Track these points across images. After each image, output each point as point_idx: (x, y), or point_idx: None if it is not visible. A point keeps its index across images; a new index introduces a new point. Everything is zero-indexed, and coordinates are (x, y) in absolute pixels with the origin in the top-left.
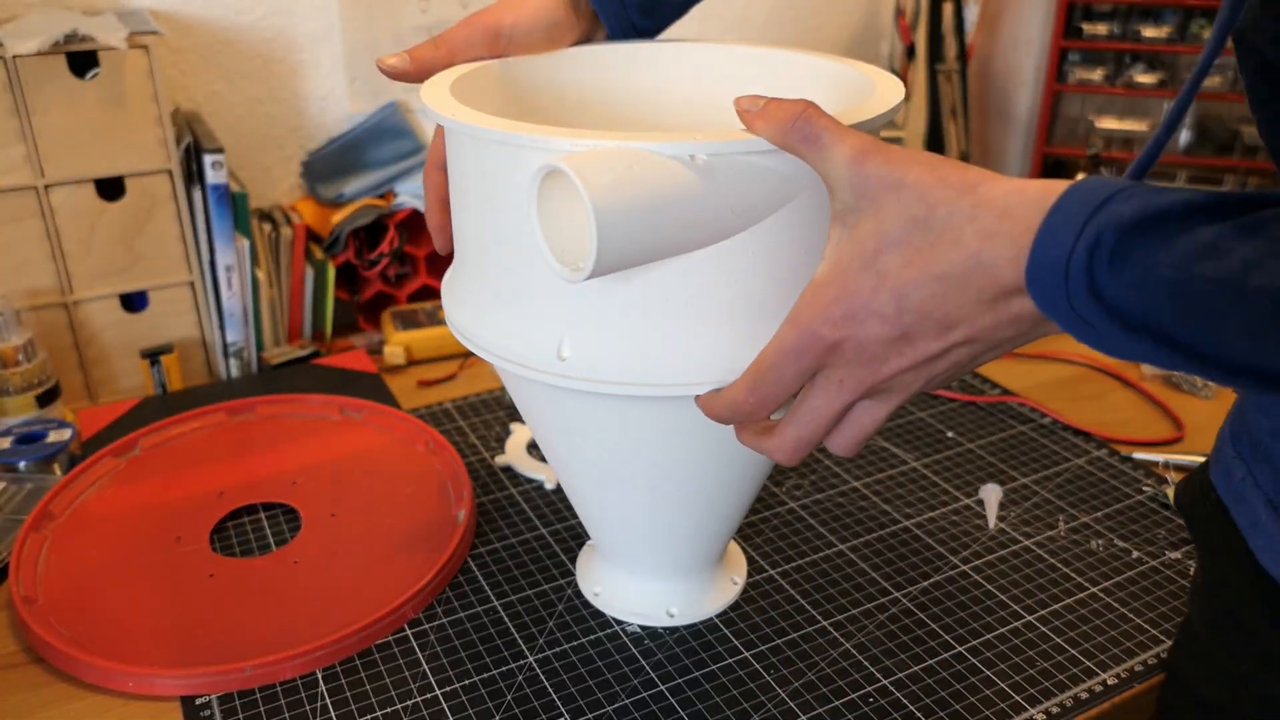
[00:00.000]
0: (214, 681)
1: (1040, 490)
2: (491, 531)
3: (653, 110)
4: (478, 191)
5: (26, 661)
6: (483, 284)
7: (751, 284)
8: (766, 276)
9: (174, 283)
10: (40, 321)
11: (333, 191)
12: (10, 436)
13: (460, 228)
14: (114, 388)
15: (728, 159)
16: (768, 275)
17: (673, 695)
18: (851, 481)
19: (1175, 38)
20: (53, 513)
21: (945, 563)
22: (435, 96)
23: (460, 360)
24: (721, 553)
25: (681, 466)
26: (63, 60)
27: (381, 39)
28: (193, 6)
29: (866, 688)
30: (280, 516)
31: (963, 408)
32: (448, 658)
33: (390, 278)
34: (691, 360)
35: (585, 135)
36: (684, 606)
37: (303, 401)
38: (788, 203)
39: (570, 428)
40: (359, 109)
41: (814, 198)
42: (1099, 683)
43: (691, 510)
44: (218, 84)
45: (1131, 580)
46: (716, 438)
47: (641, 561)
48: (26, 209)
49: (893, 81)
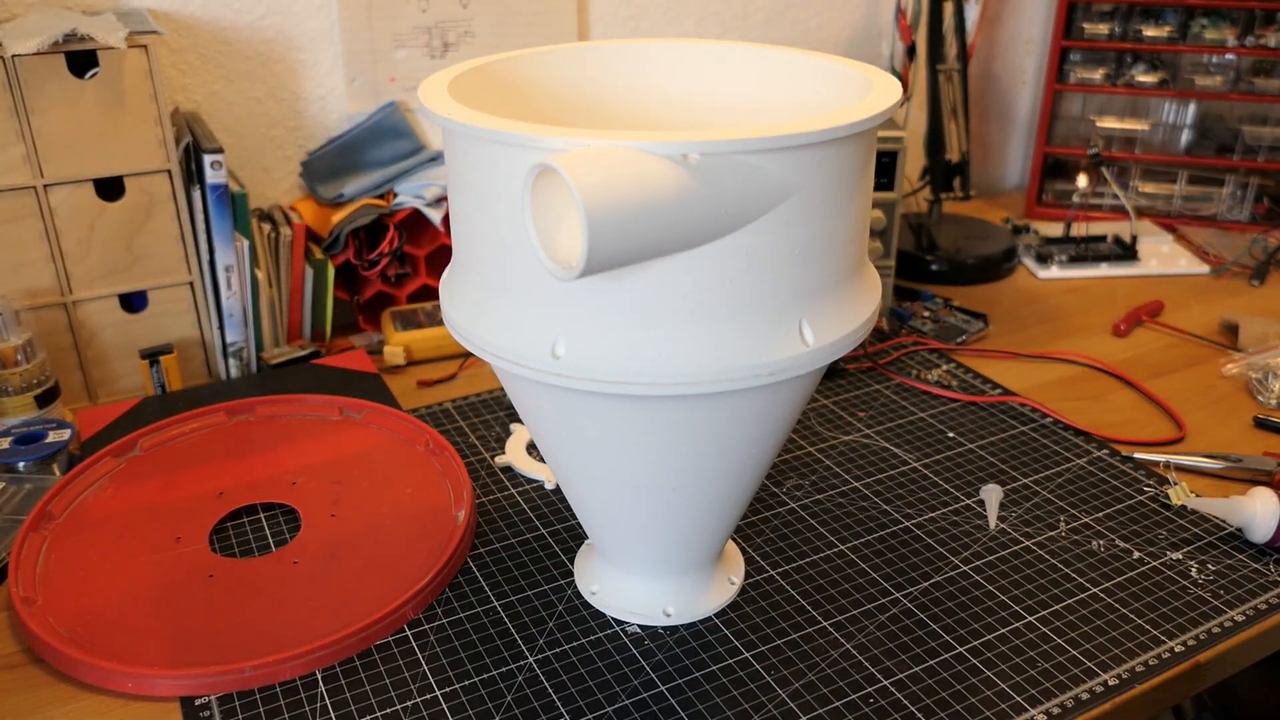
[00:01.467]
0: (214, 682)
1: (1041, 490)
2: (491, 532)
3: (651, 110)
4: (473, 190)
5: (26, 662)
6: (479, 282)
7: (743, 284)
8: (758, 276)
9: (173, 283)
10: (39, 321)
11: (332, 191)
12: (9, 437)
13: (457, 226)
14: (113, 388)
15: (720, 158)
16: (760, 275)
17: (673, 696)
18: (852, 481)
19: (1176, 38)
20: (52, 513)
21: (946, 563)
22: (433, 96)
23: (460, 360)
24: (718, 552)
25: (676, 465)
26: (62, 60)
27: (381, 39)
28: (192, 6)
29: (867, 688)
30: (280, 517)
31: (963, 408)
32: (448, 658)
33: (390, 278)
34: (684, 360)
35: (578, 134)
36: (681, 606)
37: (302, 402)
38: (781, 202)
39: (565, 426)
40: (359, 109)
41: (807, 197)
42: (1100, 683)
43: (687, 509)
44: (217, 84)
45: (1132, 581)
46: (710, 437)
47: (637, 560)
48: (25, 209)
49: (889, 81)
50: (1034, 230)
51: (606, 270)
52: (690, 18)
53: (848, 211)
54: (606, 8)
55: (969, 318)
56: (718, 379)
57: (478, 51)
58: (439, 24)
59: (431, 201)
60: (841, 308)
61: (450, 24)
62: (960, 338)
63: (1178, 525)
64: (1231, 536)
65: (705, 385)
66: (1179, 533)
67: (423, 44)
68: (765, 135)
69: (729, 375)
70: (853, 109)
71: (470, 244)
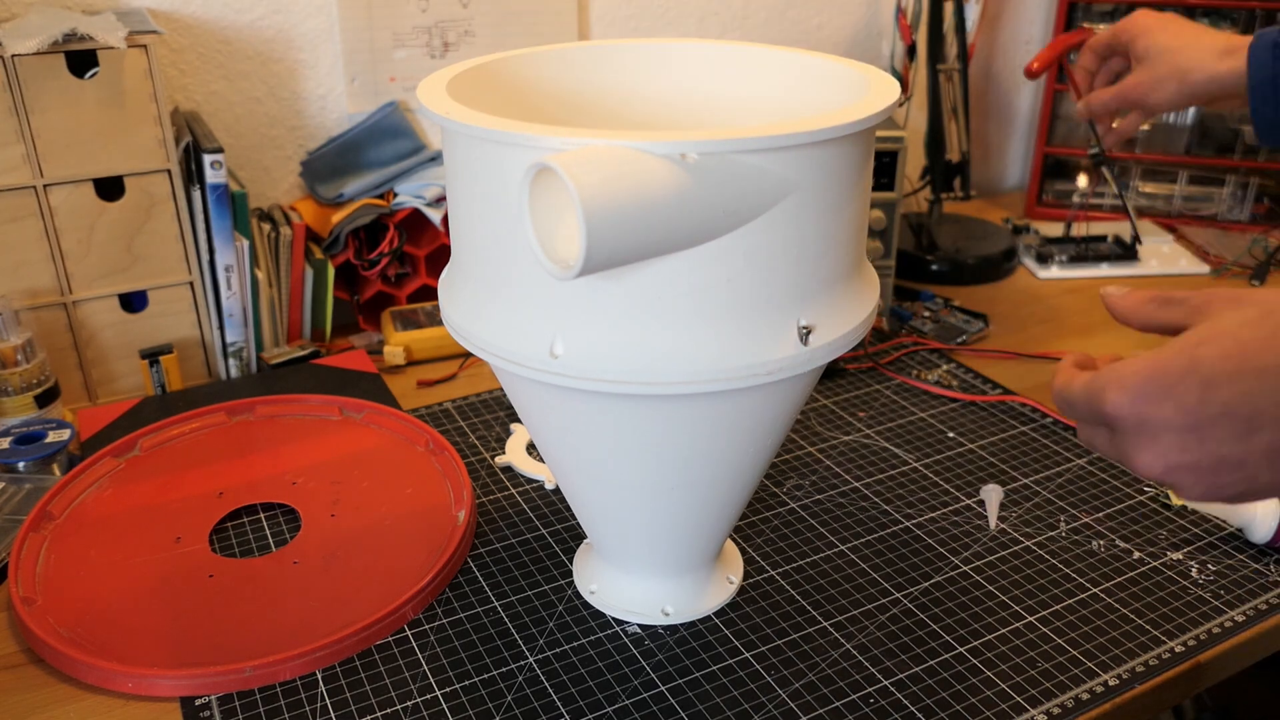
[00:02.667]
0: (214, 682)
1: (1041, 491)
2: (491, 532)
3: (650, 110)
4: (472, 189)
5: (25, 662)
6: (477, 282)
7: (741, 283)
8: (756, 276)
9: (173, 283)
10: (39, 321)
11: (332, 191)
12: (9, 437)
13: (456, 226)
14: (113, 388)
15: (718, 158)
16: (758, 275)
17: (673, 696)
18: (852, 481)
19: None
20: (52, 513)
21: (946, 563)
22: (432, 95)
23: (460, 360)
24: (717, 552)
25: (674, 465)
26: (62, 60)
27: (381, 38)
28: (192, 6)
29: (867, 688)
30: (280, 517)
31: (964, 408)
32: (448, 658)
33: (390, 278)
34: (682, 359)
35: (576, 134)
36: (680, 605)
37: (302, 402)
38: (779, 202)
39: (564, 425)
40: (358, 109)
41: (804, 197)
42: (1100, 683)
43: (685, 509)
44: (217, 83)
45: (1133, 581)
46: (708, 437)
47: (636, 559)
48: (25, 209)
49: (888, 81)
50: (1034, 230)
51: (605, 269)
52: (690, 18)
53: (846, 211)
54: (606, 7)
55: (969, 318)
56: (716, 378)
57: (478, 51)
58: (439, 24)
59: (431, 201)
60: (840, 307)
61: (450, 24)
62: (960, 338)
63: (1178, 525)
64: (1232, 537)
65: (703, 385)
66: (1179, 533)
67: (423, 44)
68: (763, 135)
69: (727, 375)
70: (850, 109)
71: (469, 243)
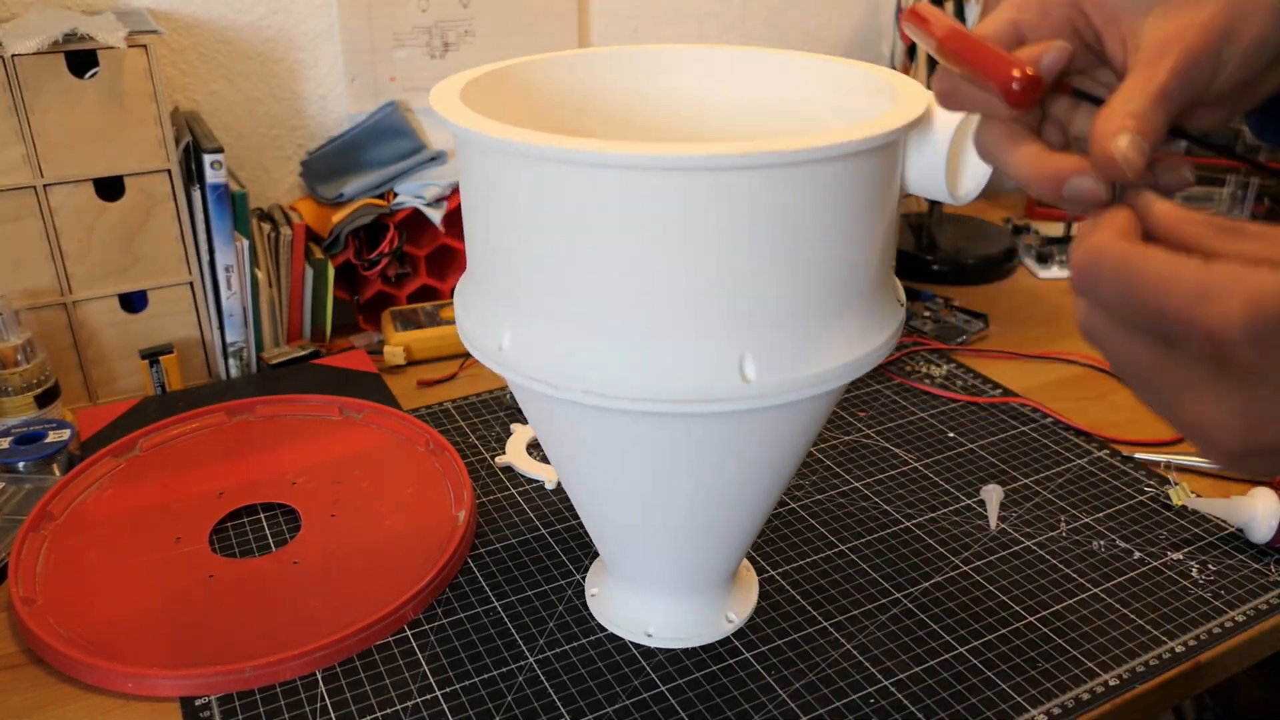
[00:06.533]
0: (214, 682)
1: (1042, 491)
2: (492, 532)
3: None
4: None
5: (25, 662)
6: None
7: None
8: (790, 291)
9: (173, 283)
10: (39, 321)
11: (332, 191)
12: (9, 437)
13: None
14: (113, 388)
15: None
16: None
17: (673, 696)
18: (852, 481)
19: None
20: (52, 513)
21: (946, 563)
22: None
23: (460, 360)
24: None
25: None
26: (61, 60)
27: (381, 38)
28: (192, 6)
29: (867, 688)
30: (280, 517)
31: (964, 408)
32: (448, 659)
33: (390, 278)
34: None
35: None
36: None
37: (302, 402)
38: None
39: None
40: (358, 109)
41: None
42: (1100, 684)
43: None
44: (217, 83)
45: (1133, 581)
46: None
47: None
48: (25, 209)
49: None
50: (1034, 230)
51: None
52: (690, 18)
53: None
54: (606, 7)
55: (969, 318)
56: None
57: (478, 51)
58: (439, 23)
59: (431, 201)
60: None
61: (450, 23)
62: (960, 338)
63: (1178, 525)
64: (1232, 537)
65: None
66: (1179, 533)
67: (423, 44)
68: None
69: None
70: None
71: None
